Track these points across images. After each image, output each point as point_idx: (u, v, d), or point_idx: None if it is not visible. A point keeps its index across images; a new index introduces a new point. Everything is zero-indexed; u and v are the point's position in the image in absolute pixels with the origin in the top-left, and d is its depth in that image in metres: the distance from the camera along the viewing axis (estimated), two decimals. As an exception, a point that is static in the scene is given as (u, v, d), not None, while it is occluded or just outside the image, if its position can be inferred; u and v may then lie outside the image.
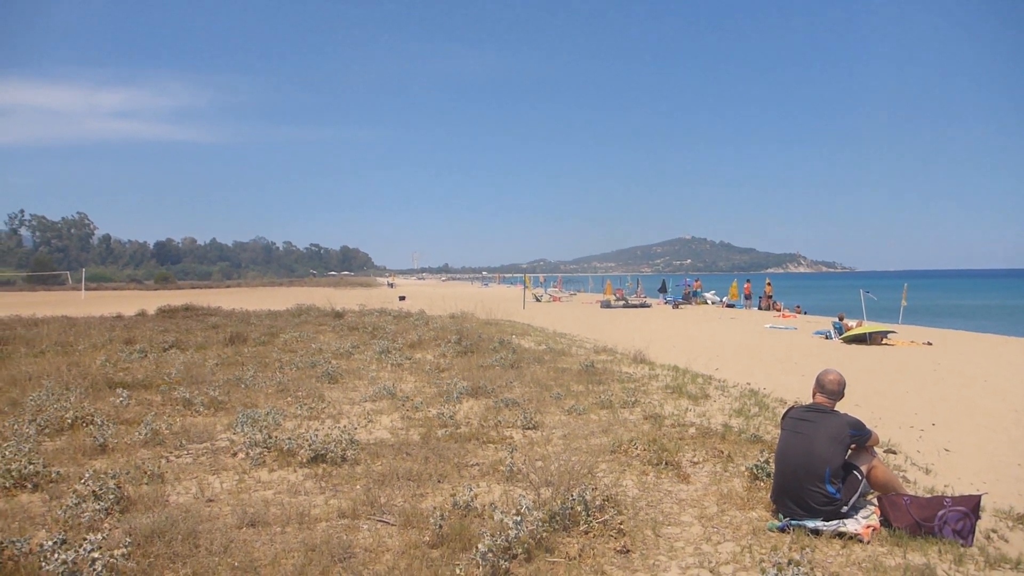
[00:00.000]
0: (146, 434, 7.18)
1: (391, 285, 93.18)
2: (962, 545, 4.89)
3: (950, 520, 4.97)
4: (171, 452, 6.90)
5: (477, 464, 6.45)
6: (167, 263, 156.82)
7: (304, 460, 6.41)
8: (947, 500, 5.07)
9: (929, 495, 5.73)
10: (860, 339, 20.37)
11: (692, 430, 7.85)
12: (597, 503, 5.06)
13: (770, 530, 5.02)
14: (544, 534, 4.61)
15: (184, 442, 7.18)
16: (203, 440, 7.32)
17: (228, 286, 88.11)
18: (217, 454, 6.83)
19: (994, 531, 5.37)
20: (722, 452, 6.90)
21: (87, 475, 5.40)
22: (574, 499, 4.94)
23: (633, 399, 9.43)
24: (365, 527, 4.99)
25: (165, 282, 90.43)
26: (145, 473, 5.98)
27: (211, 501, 5.53)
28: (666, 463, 6.44)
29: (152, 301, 37.98)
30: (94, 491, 5.17)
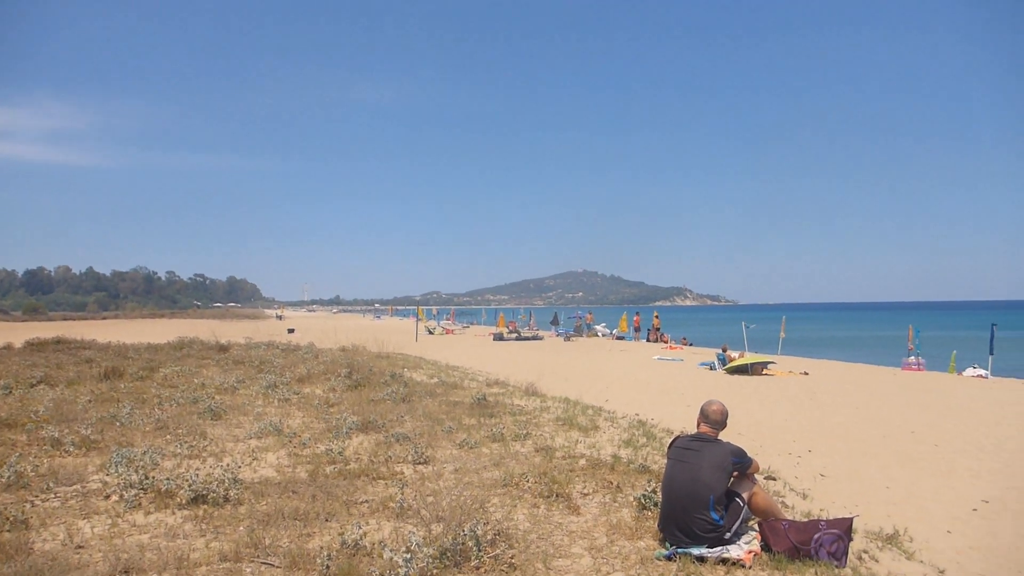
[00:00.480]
0: (9, 476, 6.72)
1: (280, 317, 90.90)
2: (836, 566, 5.11)
3: (825, 543, 5.20)
4: (37, 495, 6.47)
5: (367, 501, 6.33)
6: (37, 293, 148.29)
7: (183, 501, 6.13)
8: (822, 523, 5.30)
9: (806, 519, 5.98)
10: (742, 370, 21.16)
11: (582, 462, 7.94)
12: (488, 538, 5.04)
13: (657, 559, 5.12)
14: (435, 571, 4.55)
15: (52, 484, 6.76)
16: (73, 482, 6.90)
17: (104, 318, 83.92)
18: (88, 497, 6.45)
19: (865, 552, 5.65)
20: (611, 483, 7.01)
21: (-61, 523, 5.01)
22: (465, 534, 4.91)
23: (525, 432, 9.47)
24: (248, 571, 4.81)
25: (35, 313, 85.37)
26: (7, 519, 5.59)
27: (81, 548, 5.21)
28: (557, 495, 6.49)
29: (20, 333, 35.74)
30: (-53, 541, 4.79)
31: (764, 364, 21.83)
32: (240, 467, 7.39)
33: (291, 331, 45.95)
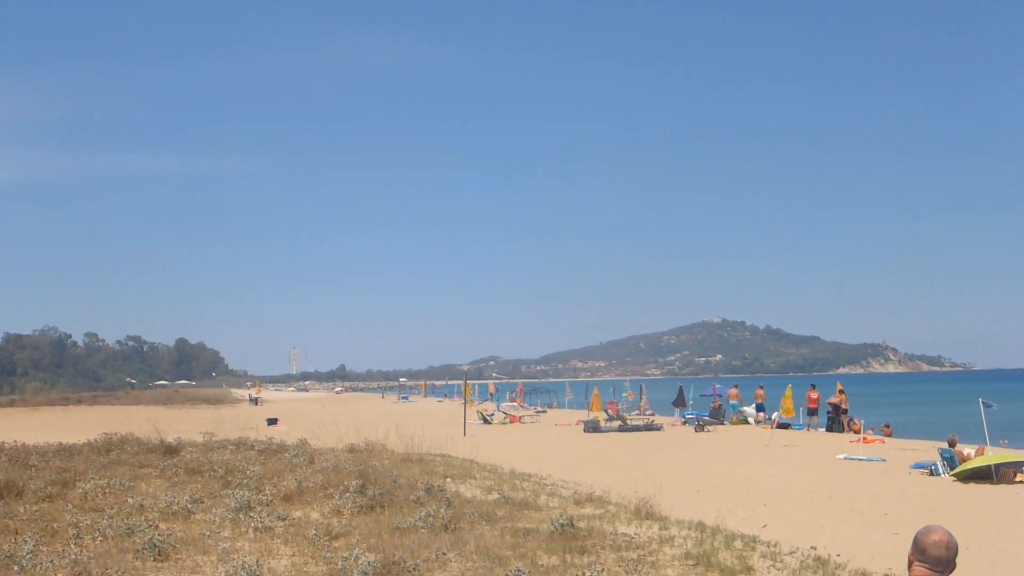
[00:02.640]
0: None
1: (255, 401, 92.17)
2: None
3: None
4: None
5: None
6: None
7: None
8: None
9: None
10: (981, 475, 20.59)
11: (728, 624, 7.82)
12: None
13: None
14: None
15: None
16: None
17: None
18: None
19: None
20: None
21: None
22: None
23: (636, 576, 9.38)
24: None
25: None
26: None
27: None
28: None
29: None
30: None
31: (1017, 465, 21.23)
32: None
33: (272, 421, 46.54)
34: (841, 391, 39.97)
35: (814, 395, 41.51)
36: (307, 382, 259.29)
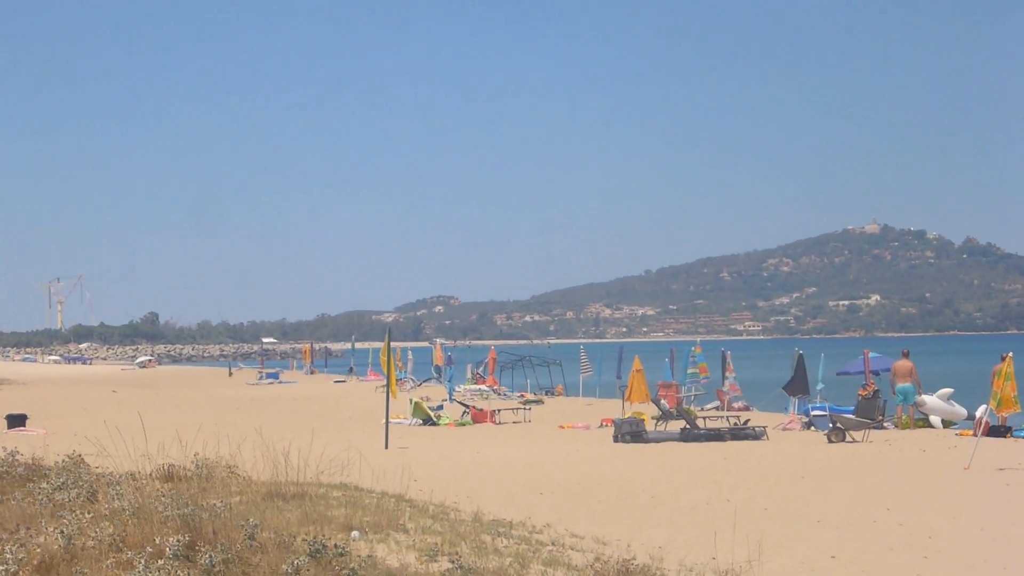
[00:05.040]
0: None
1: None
2: None
3: None
4: None
5: None
6: None
7: None
8: None
9: None
10: None
11: None
12: None
13: None
14: None
15: None
16: None
17: None
18: None
19: None
20: None
21: None
22: None
23: None
24: None
25: None
26: None
27: None
28: None
29: None
30: None
31: None
32: None
33: (17, 420, 46.30)
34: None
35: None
36: (84, 345, 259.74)
